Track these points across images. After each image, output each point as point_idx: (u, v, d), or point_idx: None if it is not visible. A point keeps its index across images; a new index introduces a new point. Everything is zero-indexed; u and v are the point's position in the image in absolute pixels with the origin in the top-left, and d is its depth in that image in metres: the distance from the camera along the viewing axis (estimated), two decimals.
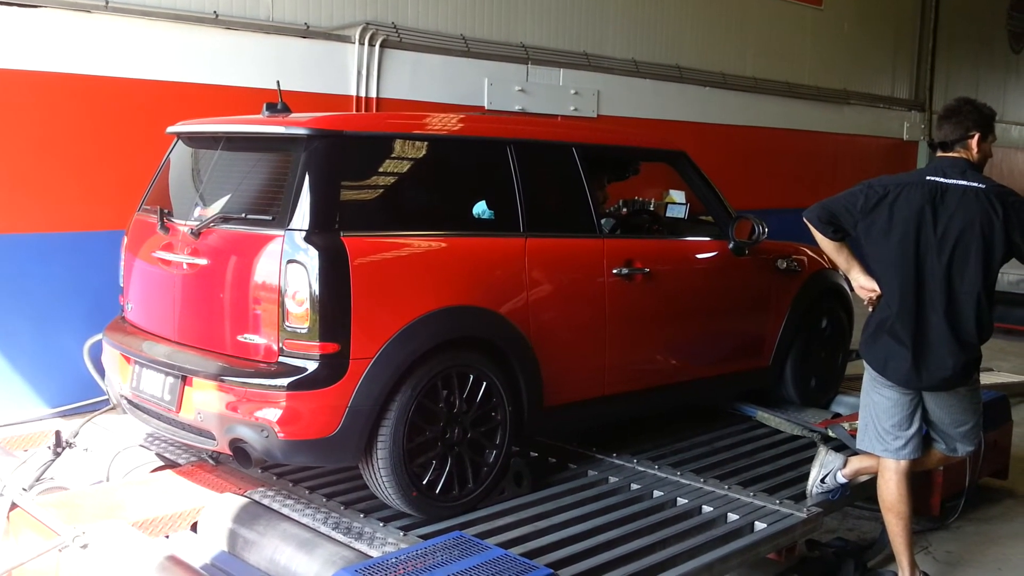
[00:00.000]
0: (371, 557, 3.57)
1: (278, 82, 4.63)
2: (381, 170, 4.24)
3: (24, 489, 4.29)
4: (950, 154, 4.25)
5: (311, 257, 3.75)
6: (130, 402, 4.51)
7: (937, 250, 4.10)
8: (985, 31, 18.01)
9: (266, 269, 3.86)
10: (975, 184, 4.11)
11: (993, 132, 4.30)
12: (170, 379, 4.16)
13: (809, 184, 13.01)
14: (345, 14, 8.04)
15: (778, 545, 4.25)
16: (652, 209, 6.46)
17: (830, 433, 5.29)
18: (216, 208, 4.16)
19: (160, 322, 4.42)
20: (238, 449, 3.91)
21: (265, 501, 4.14)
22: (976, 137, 4.23)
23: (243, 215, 4.04)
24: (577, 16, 10.08)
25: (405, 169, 4.34)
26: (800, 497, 4.54)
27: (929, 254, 4.12)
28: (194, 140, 4.66)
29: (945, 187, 4.13)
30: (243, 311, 3.95)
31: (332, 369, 3.77)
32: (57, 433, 4.72)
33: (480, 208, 4.37)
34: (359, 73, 8.07)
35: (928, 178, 4.18)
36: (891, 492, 4.36)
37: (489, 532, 3.96)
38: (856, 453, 4.61)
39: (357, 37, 8.01)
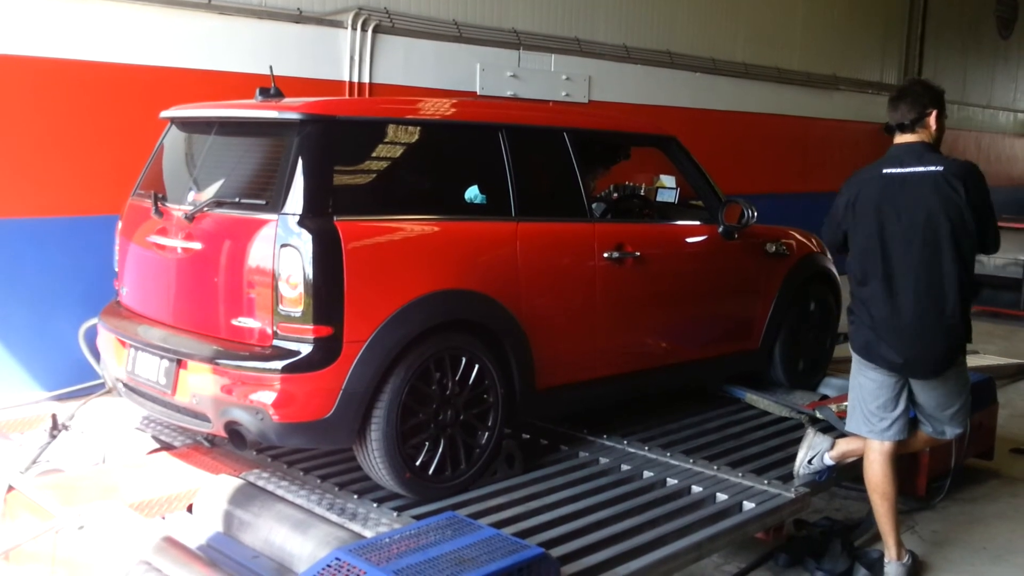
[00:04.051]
0: (365, 537, 3.61)
1: (271, 67, 4.65)
2: (374, 155, 4.27)
3: (21, 472, 4.32)
4: (906, 137, 4.29)
5: (304, 241, 3.78)
6: (126, 385, 4.54)
7: (905, 241, 4.13)
8: (974, 17, 18.00)
9: (260, 253, 3.88)
10: (933, 168, 4.13)
11: (945, 109, 4.34)
12: (165, 362, 4.19)
13: (798, 169, 13.03)
14: None
15: (766, 524, 4.32)
16: (643, 194, 6.49)
17: (818, 415, 5.34)
18: (210, 193, 4.18)
19: (155, 306, 4.45)
20: (233, 431, 3.95)
21: (260, 483, 4.18)
22: (934, 114, 4.27)
23: (237, 199, 4.06)
24: (568, 2, 10.07)
25: (398, 154, 4.37)
26: (788, 478, 4.61)
27: (897, 245, 4.15)
28: (187, 125, 4.68)
29: (903, 177, 4.16)
30: (237, 295, 3.98)
31: (326, 352, 3.80)
32: (53, 416, 4.75)
33: (472, 192, 4.41)
34: (352, 58, 8.06)
35: (884, 171, 4.22)
36: (877, 473, 4.42)
37: (482, 512, 4.01)
38: (844, 435, 4.67)
39: (350, 22, 8.00)
